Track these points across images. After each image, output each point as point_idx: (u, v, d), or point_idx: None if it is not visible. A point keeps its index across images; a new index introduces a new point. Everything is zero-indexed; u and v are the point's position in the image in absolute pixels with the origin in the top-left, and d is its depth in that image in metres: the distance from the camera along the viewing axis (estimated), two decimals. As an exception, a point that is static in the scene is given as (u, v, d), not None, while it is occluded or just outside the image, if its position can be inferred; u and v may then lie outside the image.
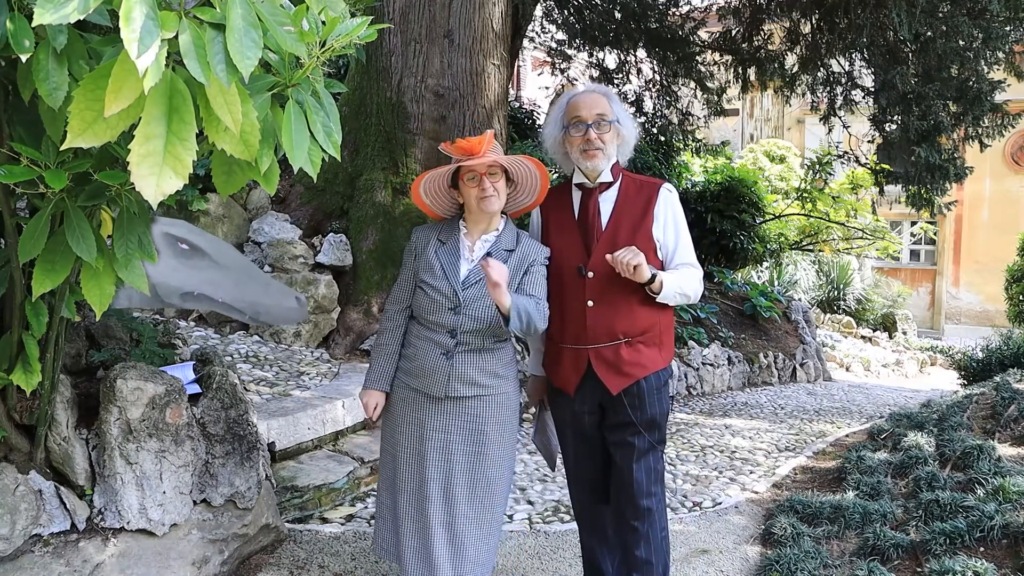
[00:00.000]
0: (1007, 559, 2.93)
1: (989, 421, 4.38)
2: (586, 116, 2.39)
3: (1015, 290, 12.24)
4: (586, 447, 2.54)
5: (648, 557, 2.41)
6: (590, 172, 2.43)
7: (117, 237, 1.76)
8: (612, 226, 2.40)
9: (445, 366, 2.40)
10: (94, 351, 2.87)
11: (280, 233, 5.54)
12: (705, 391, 7.68)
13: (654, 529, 2.42)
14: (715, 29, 9.52)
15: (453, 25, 5.71)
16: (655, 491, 2.43)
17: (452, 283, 2.41)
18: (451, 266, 2.43)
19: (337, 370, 4.86)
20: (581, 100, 2.42)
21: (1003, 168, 17.97)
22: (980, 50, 7.43)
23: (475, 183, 2.38)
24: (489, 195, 2.37)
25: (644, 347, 2.39)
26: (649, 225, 2.39)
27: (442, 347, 2.41)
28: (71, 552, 2.41)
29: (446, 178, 2.46)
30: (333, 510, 3.59)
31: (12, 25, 1.35)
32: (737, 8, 8.95)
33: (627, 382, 2.38)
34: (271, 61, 1.52)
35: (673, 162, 10.20)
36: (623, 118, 2.45)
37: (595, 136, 2.37)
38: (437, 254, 2.46)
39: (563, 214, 2.49)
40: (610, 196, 2.44)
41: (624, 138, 2.45)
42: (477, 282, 2.40)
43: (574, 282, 2.40)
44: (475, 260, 2.43)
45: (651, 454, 2.43)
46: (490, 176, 2.38)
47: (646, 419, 2.41)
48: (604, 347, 2.38)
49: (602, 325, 2.37)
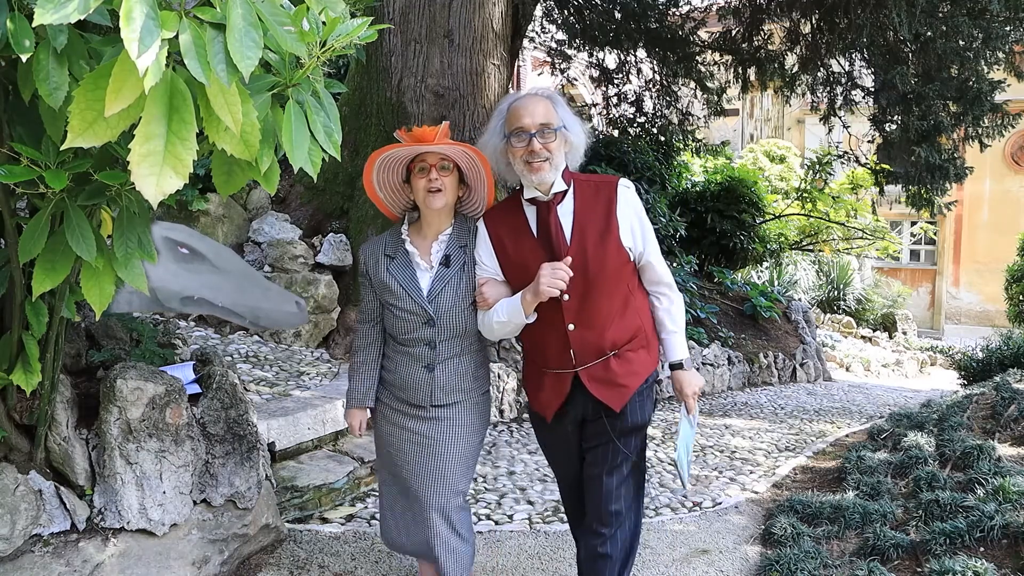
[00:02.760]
0: (1007, 559, 2.93)
1: (989, 421, 4.38)
2: (528, 125, 2.16)
3: (1015, 290, 12.24)
4: (571, 458, 2.49)
5: (607, 552, 2.34)
6: (539, 185, 2.22)
7: (117, 237, 1.76)
8: (577, 239, 2.21)
9: (427, 378, 2.40)
10: (94, 351, 2.87)
11: (280, 233, 5.55)
12: (705, 391, 7.68)
13: (622, 529, 2.37)
14: (715, 29, 9.52)
15: (453, 25, 5.71)
16: (626, 497, 2.36)
17: (417, 300, 2.34)
18: (410, 282, 2.36)
19: (337, 370, 4.86)
20: (523, 106, 2.20)
21: (1003, 168, 17.97)
22: (980, 50, 7.43)
23: (424, 174, 2.28)
24: (436, 188, 2.27)
25: (632, 354, 2.29)
26: (616, 233, 2.23)
27: (422, 360, 2.40)
28: (71, 552, 2.41)
29: (400, 172, 2.36)
30: (333, 510, 3.59)
31: (12, 25, 1.35)
32: (737, 8, 8.95)
33: (627, 394, 2.28)
34: (271, 61, 1.52)
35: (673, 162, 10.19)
36: (570, 123, 2.24)
37: (539, 146, 2.16)
38: (390, 272, 2.38)
39: (520, 235, 2.27)
40: (567, 206, 2.24)
41: (573, 144, 2.25)
42: (443, 288, 2.34)
43: (550, 306, 2.22)
44: (434, 267, 2.36)
45: (624, 464, 2.35)
46: (440, 170, 2.28)
47: (625, 427, 2.32)
48: (593, 366, 2.26)
49: (588, 345, 2.24)
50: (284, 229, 5.59)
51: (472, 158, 2.32)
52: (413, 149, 2.27)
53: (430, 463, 2.44)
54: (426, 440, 2.44)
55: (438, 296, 2.34)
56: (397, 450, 2.48)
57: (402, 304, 2.37)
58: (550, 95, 2.27)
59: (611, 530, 2.35)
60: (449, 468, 2.44)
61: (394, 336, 2.46)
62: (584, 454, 2.42)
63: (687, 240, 9.74)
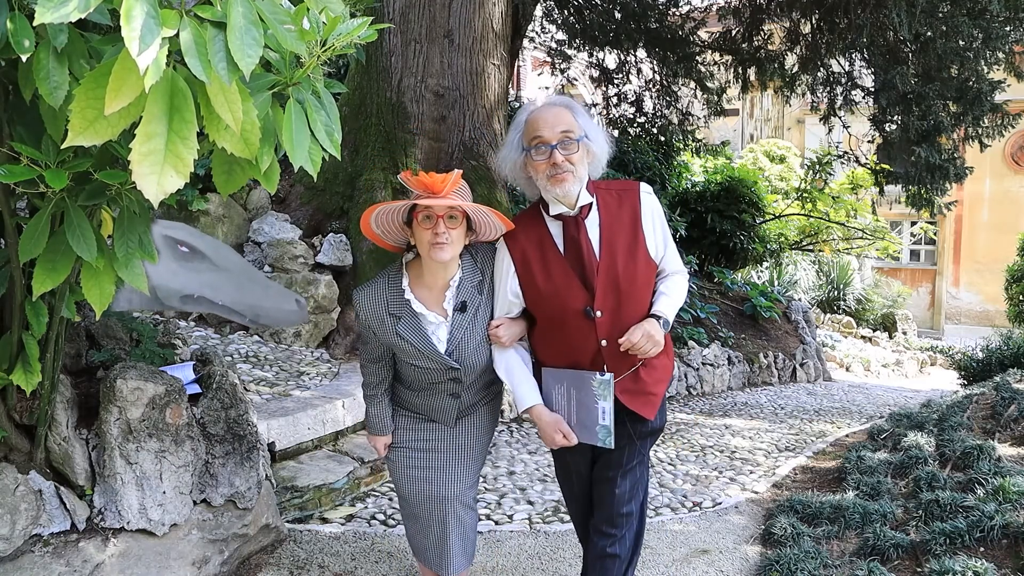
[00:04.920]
0: (1007, 559, 2.93)
1: (989, 421, 4.38)
2: (549, 136, 2.07)
3: (1015, 290, 12.25)
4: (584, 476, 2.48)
5: (617, 552, 2.36)
6: (564, 198, 2.12)
7: (118, 236, 1.76)
8: (607, 255, 2.14)
9: (454, 404, 2.38)
10: (94, 351, 2.87)
11: (280, 233, 5.54)
12: (705, 391, 7.67)
13: (630, 530, 2.39)
14: (715, 29, 9.53)
15: (453, 25, 5.71)
16: (637, 499, 2.38)
17: (438, 360, 2.22)
18: (425, 343, 2.19)
19: (337, 370, 4.86)
20: (542, 117, 2.10)
21: (1003, 168, 17.98)
22: (980, 50, 7.43)
23: (430, 224, 2.07)
24: (442, 242, 2.06)
25: (657, 360, 2.26)
26: (644, 246, 2.17)
27: (447, 390, 2.34)
28: (71, 552, 2.41)
29: (401, 213, 2.15)
30: (333, 510, 3.59)
31: (12, 25, 1.35)
32: (737, 8, 8.96)
33: (656, 401, 2.26)
34: (272, 60, 1.52)
35: (673, 162, 10.20)
36: (592, 132, 2.15)
37: (562, 158, 2.06)
38: (400, 335, 2.19)
39: (546, 252, 2.17)
40: (594, 219, 2.16)
41: (595, 154, 2.16)
42: (463, 336, 2.21)
43: (581, 324, 2.15)
44: (449, 315, 2.20)
45: (639, 466, 2.36)
46: (448, 220, 2.08)
47: (645, 431, 2.32)
48: (624, 378, 2.21)
49: (621, 358, 2.18)
50: (284, 229, 5.58)
51: (486, 214, 2.15)
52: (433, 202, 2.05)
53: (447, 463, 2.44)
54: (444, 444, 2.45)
55: (459, 345, 2.22)
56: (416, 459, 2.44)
57: (420, 363, 2.24)
58: (568, 103, 2.18)
59: (621, 531, 2.36)
60: (464, 464, 2.46)
61: (414, 384, 2.35)
62: (596, 456, 2.41)
63: (687, 240, 9.74)
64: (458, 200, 2.06)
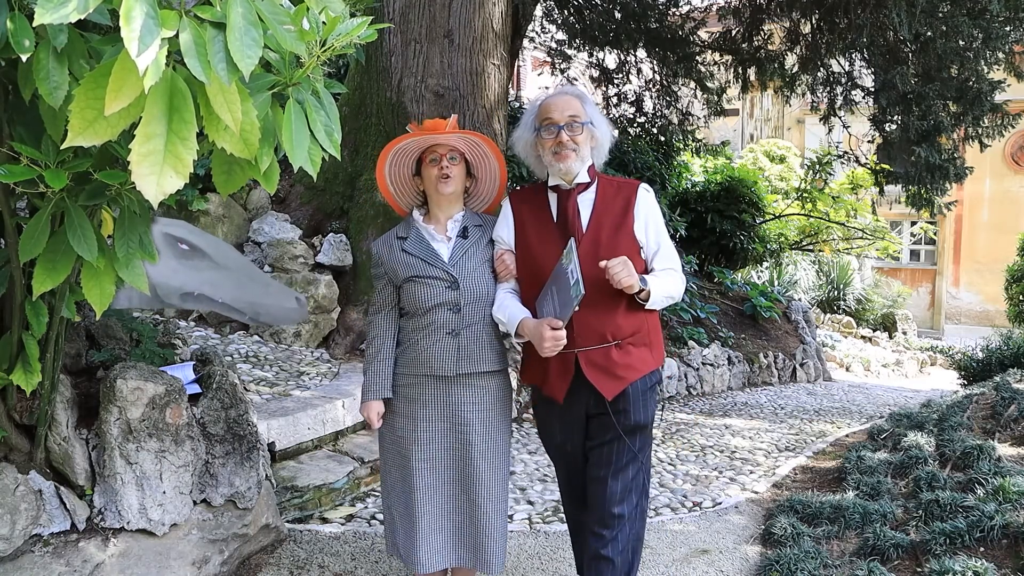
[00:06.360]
0: (1007, 559, 2.93)
1: (989, 421, 4.38)
2: (558, 118, 2.34)
3: (1015, 290, 12.24)
4: (575, 464, 2.51)
5: (610, 555, 2.35)
6: (564, 174, 2.37)
7: (118, 237, 1.76)
8: (593, 227, 2.35)
9: (453, 344, 2.40)
10: (94, 351, 2.87)
11: (280, 233, 5.54)
12: (705, 391, 7.68)
13: (623, 532, 2.37)
14: (715, 29, 9.52)
15: (453, 25, 5.71)
16: (630, 500, 2.37)
17: (440, 266, 2.42)
18: (428, 252, 2.45)
19: (337, 370, 4.86)
20: (553, 102, 2.38)
21: (1003, 168, 17.97)
22: (980, 50, 7.43)
23: (435, 164, 2.43)
24: (447, 175, 2.41)
25: (634, 348, 2.34)
26: (631, 225, 2.36)
27: (447, 327, 2.40)
28: (71, 552, 2.41)
29: (410, 165, 2.50)
30: (333, 510, 3.59)
31: (12, 25, 1.35)
32: (737, 8, 8.95)
33: (621, 385, 2.32)
34: (271, 60, 1.52)
35: (673, 162, 10.19)
36: (597, 120, 2.41)
37: (567, 138, 2.33)
38: (406, 251, 2.47)
39: (540, 215, 2.43)
40: (588, 198, 2.40)
41: (598, 140, 2.41)
42: (463, 255, 2.45)
43: None
44: (451, 238, 2.47)
45: (630, 466, 2.37)
46: (449, 160, 2.43)
47: (628, 425, 2.35)
48: (593, 350, 2.32)
49: (590, 328, 2.31)
50: (284, 229, 5.58)
51: (477, 145, 2.47)
52: (426, 139, 2.42)
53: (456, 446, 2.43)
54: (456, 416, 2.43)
55: (459, 261, 2.44)
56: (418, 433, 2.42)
57: (426, 271, 2.42)
58: (579, 93, 2.44)
59: (612, 532, 2.35)
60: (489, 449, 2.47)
61: (417, 309, 2.44)
62: (588, 454, 2.43)
63: (687, 240, 9.75)
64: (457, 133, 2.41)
